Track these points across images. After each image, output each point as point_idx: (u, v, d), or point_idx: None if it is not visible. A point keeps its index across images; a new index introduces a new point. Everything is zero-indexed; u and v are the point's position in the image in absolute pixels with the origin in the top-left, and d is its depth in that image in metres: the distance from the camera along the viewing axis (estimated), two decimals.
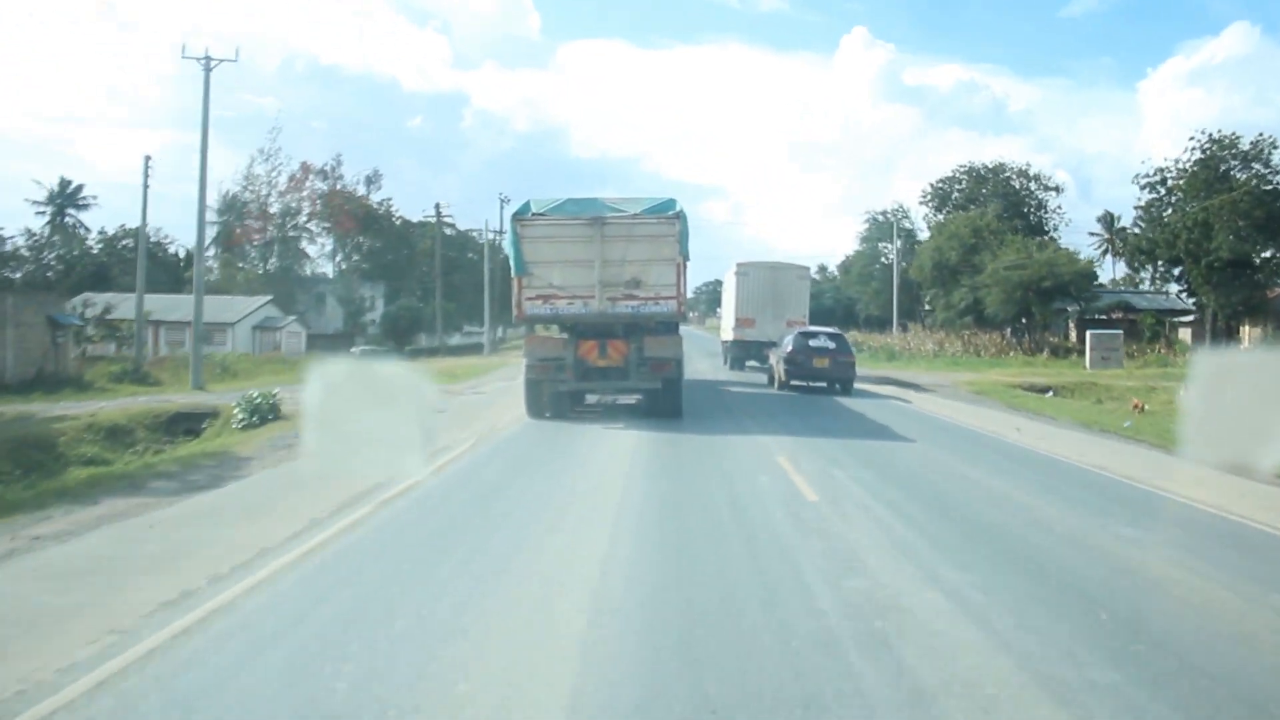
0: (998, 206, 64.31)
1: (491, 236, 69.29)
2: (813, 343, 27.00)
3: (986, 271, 55.53)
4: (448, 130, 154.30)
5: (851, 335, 51.54)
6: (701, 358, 38.84)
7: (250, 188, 69.76)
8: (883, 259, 75.36)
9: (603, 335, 18.51)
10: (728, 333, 36.60)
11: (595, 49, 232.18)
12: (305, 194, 72.98)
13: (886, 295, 69.33)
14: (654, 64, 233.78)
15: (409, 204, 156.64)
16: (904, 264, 68.81)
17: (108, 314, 45.06)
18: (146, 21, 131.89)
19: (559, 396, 18.78)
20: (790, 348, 26.80)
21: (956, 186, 70.38)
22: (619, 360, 18.40)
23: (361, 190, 76.81)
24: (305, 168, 72.58)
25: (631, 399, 20.23)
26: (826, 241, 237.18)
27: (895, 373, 39.19)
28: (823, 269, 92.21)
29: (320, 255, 77.81)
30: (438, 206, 72.46)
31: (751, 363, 34.68)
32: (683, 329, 20.59)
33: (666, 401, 18.76)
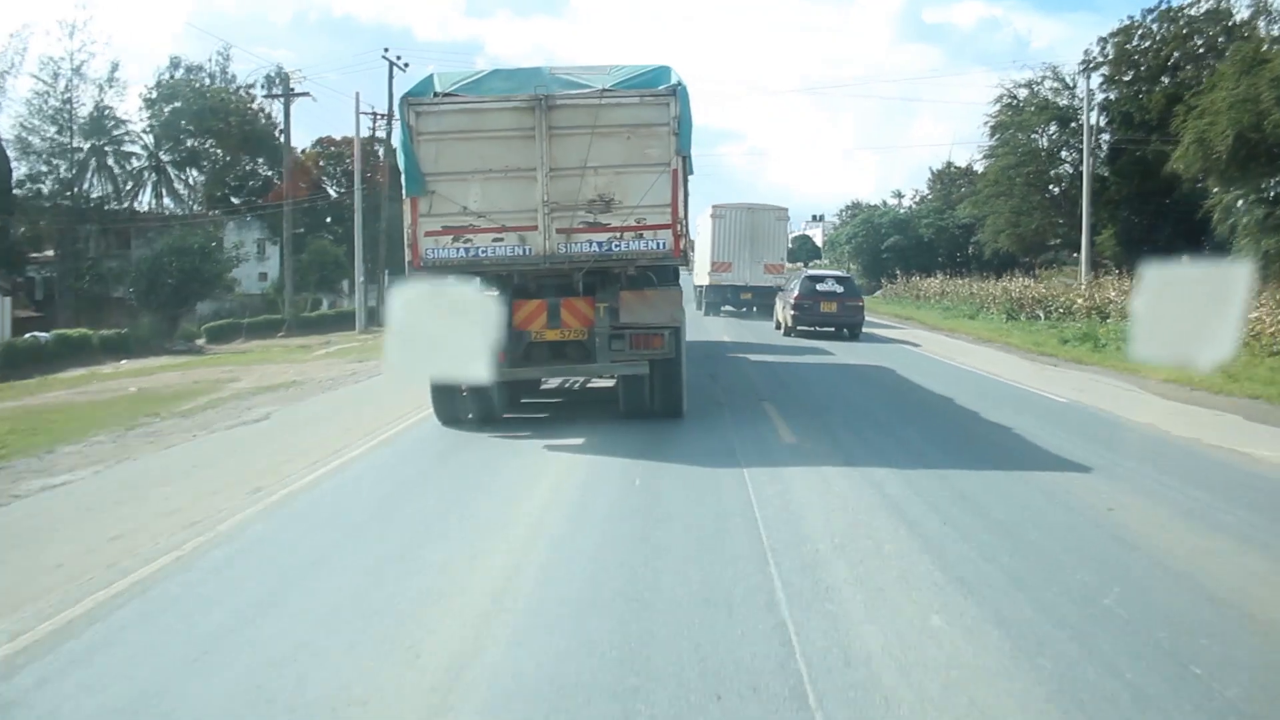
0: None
1: (371, 128, 46.38)
2: (820, 287, 26.57)
3: None
4: None
5: (967, 285, 43.47)
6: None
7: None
8: (1024, 160, 46.92)
9: (553, 292, 11.48)
10: (703, 277, 35.02)
11: None
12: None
13: (1043, 214, 47.43)
14: (669, 6, 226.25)
15: None
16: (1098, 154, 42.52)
17: None
18: None
19: (484, 391, 11.70)
20: (797, 293, 26.46)
21: (1145, 45, 42.12)
22: (580, 330, 11.36)
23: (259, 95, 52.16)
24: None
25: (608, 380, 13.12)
26: (847, 184, 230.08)
27: None
28: (854, 206, 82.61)
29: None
30: (286, 76, 47.70)
31: (727, 308, 34.32)
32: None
33: (659, 394, 11.71)
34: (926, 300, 47.77)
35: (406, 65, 45.32)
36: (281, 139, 49.55)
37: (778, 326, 28.26)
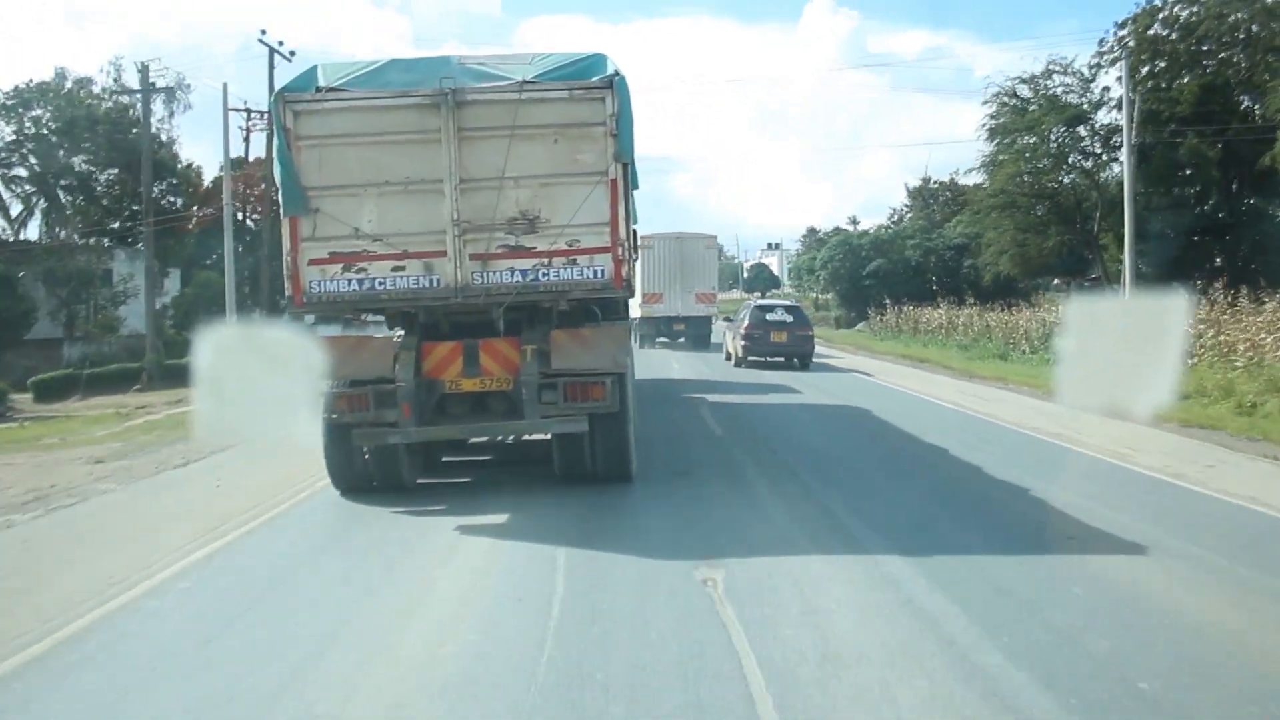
0: None
1: (247, 125, 37.07)
2: (770, 317, 26.17)
3: None
4: None
5: (977, 314, 34.89)
6: None
7: None
8: (1031, 167, 40.06)
9: (470, 332, 9.33)
10: (634, 309, 32.14)
11: (557, 24, 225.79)
12: None
13: (1056, 230, 40.34)
14: (616, 38, 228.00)
15: None
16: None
17: None
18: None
19: (390, 453, 9.48)
20: (747, 323, 25.89)
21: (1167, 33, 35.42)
22: (503, 379, 9.22)
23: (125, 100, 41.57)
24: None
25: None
26: (793, 214, 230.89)
27: None
28: (813, 232, 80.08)
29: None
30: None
31: (661, 339, 33.42)
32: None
33: (602, 454, 9.55)
34: (930, 334, 38.46)
35: (293, 54, 36.12)
36: (189, 160, 44.55)
37: (728, 358, 27.34)
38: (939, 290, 44.59)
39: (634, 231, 9.61)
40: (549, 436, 9.55)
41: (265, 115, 33.68)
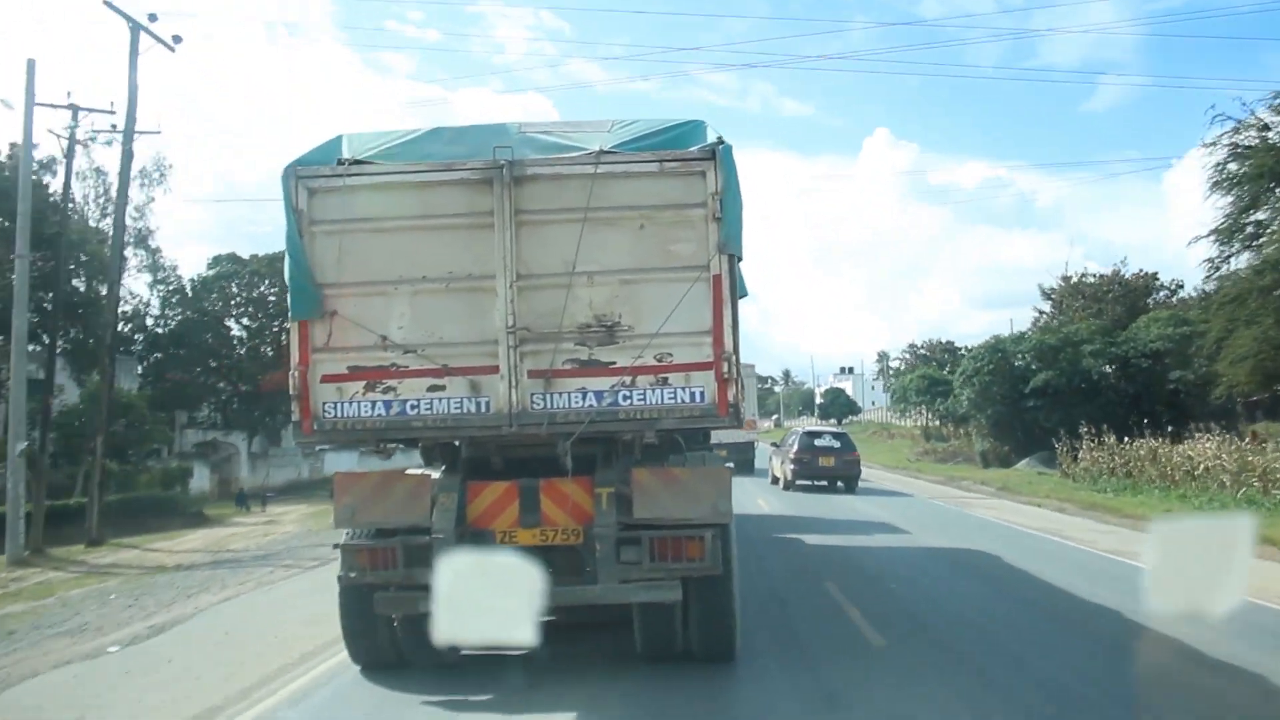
0: None
1: (70, 137, 22.47)
2: (818, 442, 27.76)
3: None
4: None
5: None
6: None
7: None
8: None
9: (528, 471, 7.29)
10: None
11: None
12: None
13: None
14: None
15: None
16: None
17: None
18: None
19: (422, 623, 7.37)
20: (796, 448, 27.23)
21: None
22: (571, 530, 7.14)
23: None
24: None
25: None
26: (855, 343, 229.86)
27: None
28: (913, 348, 77.46)
29: None
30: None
31: None
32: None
33: (700, 627, 7.37)
34: (1175, 479, 24.72)
35: (179, 40, 21.88)
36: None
37: (774, 481, 28.79)
38: (1138, 413, 31.83)
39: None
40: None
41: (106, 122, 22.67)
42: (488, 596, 2.54)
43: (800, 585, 11.55)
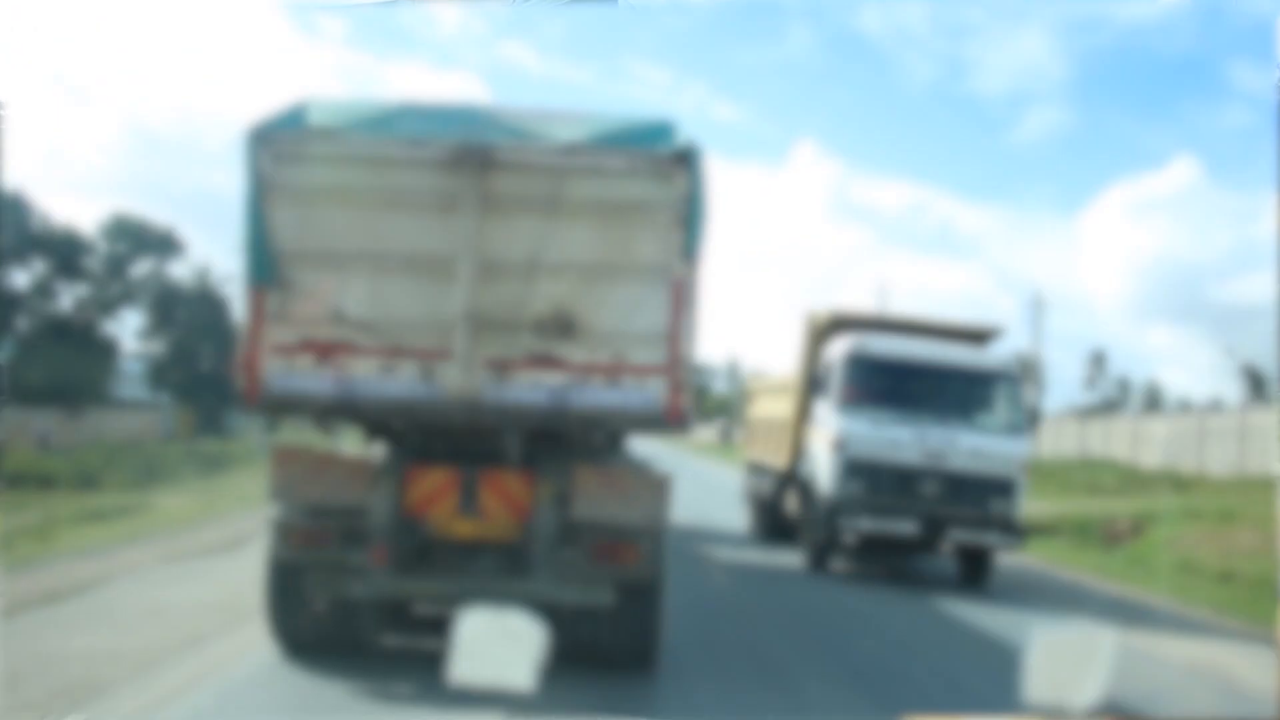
0: None
1: None
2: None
3: None
4: None
5: None
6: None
7: None
8: None
9: (472, 458, 7.15)
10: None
11: None
12: None
13: None
14: None
15: None
16: None
17: None
18: None
19: (349, 607, 7.22)
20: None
21: None
22: (509, 525, 7.04)
23: None
24: None
25: None
26: (779, 351, 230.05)
27: None
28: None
29: None
30: None
31: None
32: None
33: (625, 633, 7.26)
34: None
35: None
36: None
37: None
38: None
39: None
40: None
41: None
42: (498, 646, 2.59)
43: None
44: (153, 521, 15.78)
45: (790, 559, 14.05)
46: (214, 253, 50.71)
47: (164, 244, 47.96)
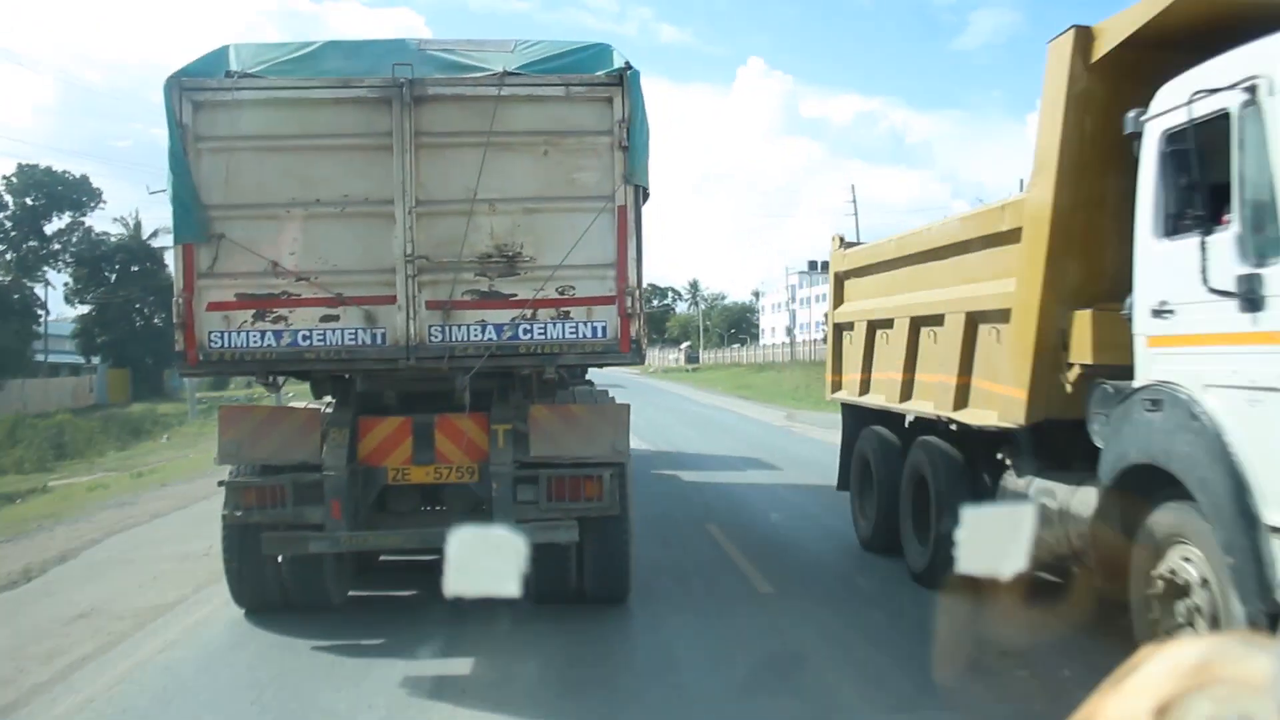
0: None
1: None
2: None
3: None
4: None
5: None
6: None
7: None
8: None
9: (423, 405, 7.05)
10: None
11: None
12: None
13: None
14: None
15: None
16: None
17: None
18: None
19: (309, 564, 7.09)
20: None
21: None
22: (466, 467, 6.92)
23: None
24: None
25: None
26: (733, 274, 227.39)
27: None
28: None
29: None
30: None
31: None
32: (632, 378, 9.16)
33: (594, 568, 7.21)
34: None
35: None
36: None
37: None
38: None
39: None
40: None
41: None
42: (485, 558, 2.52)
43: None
44: (39, 511, 13.01)
45: None
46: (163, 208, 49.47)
47: (80, 193, 46.24)
